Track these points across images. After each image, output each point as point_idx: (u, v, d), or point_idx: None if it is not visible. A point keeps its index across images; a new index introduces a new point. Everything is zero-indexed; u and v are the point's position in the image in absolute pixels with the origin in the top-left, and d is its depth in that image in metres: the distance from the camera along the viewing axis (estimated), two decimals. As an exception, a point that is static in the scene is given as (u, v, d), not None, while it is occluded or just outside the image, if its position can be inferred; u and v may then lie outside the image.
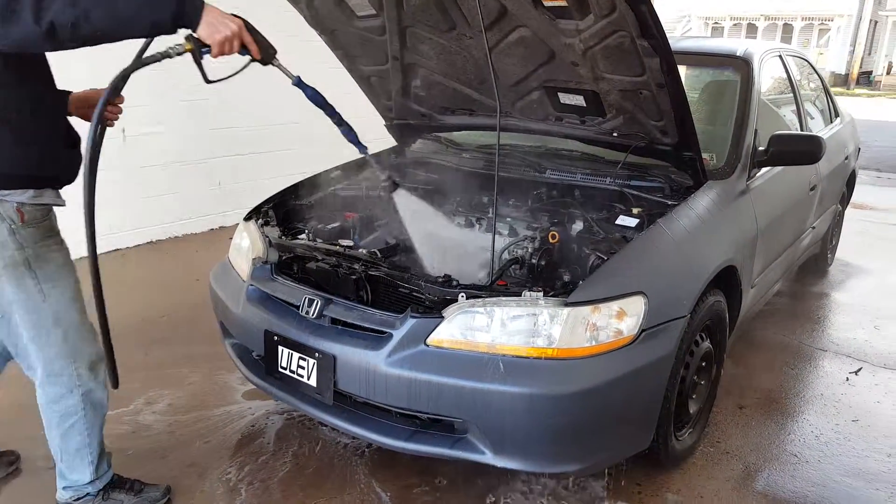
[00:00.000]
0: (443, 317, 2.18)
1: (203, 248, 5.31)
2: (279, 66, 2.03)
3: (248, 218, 2.91)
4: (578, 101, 2.72)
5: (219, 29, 1.80)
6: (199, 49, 1.83)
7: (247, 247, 2.77)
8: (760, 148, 3.04)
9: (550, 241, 2.53)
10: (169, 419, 2.94)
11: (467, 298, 2.19)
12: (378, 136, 3.10)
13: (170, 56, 1.84)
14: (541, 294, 2.15)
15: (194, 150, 5.51)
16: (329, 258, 2.51)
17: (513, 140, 3.18)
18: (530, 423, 2.10)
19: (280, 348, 2.41)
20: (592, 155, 2.94)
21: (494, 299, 2.17)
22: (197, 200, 5.63)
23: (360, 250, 2.61)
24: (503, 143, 3.15)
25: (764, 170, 3.12)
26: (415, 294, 2.33)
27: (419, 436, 2.25)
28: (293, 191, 3.08)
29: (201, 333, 3.60)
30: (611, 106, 2.65)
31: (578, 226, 2.65)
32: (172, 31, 1.78)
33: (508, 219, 2.81)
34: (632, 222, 2.56)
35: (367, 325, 2.28)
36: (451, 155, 3.23)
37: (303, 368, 2.35)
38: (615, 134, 2.75)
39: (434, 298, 2.26)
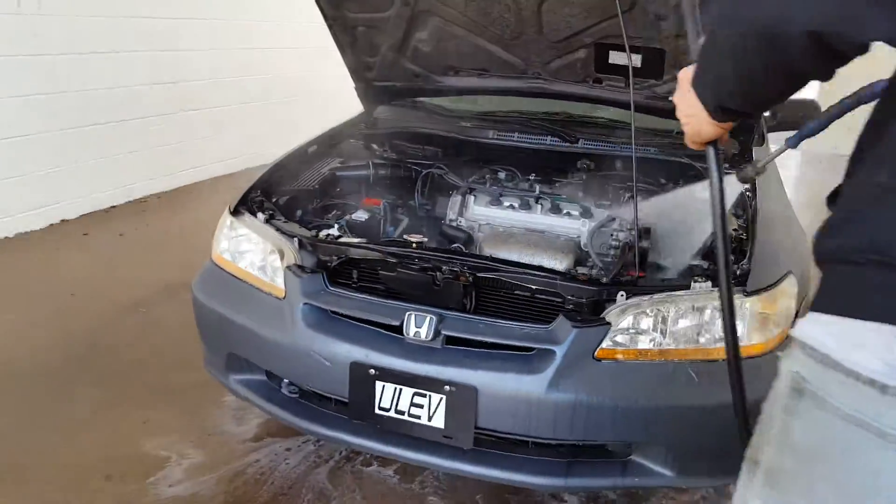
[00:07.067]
0: (608, 323, 1.79)
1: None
2: None
3: (236, 212, 2.19)
4: (634, 61, 2.41)
5: None
6: None
7: (258, 249, 2.08)
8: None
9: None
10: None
11: (627, 298, 1.82)
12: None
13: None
14: (709, 284, 1.85)
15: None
16: (407, 261, 1.95)
17: (523, 106, 2.78)
18: (724, 434, 1.82)
19: (378, 384, 1.83)
20: (623, 122, 2.67)
21: (662, 295, 1.83)
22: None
23: (427, 243, 2.09)
24: (506, 109, 2.77)
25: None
26: (539, 297, 1.90)
27: (577, 467, 1.87)
28: (277, 174, 2.39)
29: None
30: (672, 67, 2.39)
31: (666, 202, 2.37)
32: None
33: (563, 197, 2.45)
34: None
35: (508, 343, 1.80)
36: (447, 124, 2.73)
37: (420, 407, 1.81)
38: (671, 98, 2.50)
39: (580, 301, 1.86)
